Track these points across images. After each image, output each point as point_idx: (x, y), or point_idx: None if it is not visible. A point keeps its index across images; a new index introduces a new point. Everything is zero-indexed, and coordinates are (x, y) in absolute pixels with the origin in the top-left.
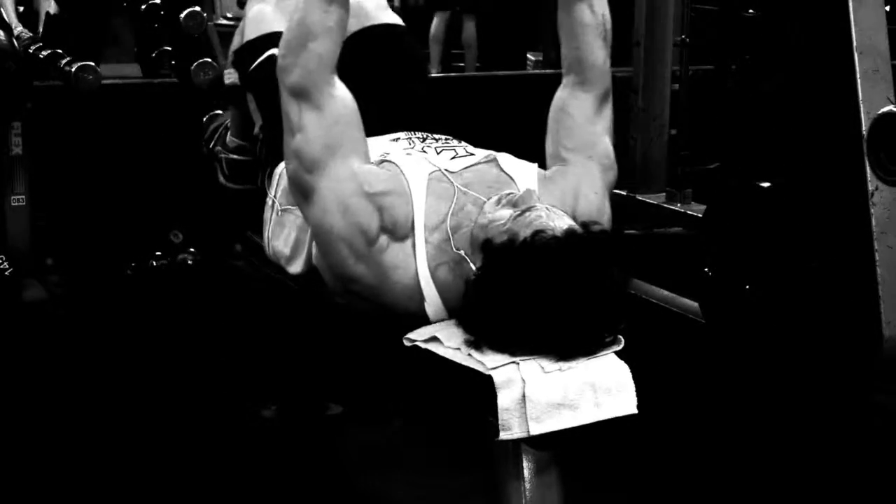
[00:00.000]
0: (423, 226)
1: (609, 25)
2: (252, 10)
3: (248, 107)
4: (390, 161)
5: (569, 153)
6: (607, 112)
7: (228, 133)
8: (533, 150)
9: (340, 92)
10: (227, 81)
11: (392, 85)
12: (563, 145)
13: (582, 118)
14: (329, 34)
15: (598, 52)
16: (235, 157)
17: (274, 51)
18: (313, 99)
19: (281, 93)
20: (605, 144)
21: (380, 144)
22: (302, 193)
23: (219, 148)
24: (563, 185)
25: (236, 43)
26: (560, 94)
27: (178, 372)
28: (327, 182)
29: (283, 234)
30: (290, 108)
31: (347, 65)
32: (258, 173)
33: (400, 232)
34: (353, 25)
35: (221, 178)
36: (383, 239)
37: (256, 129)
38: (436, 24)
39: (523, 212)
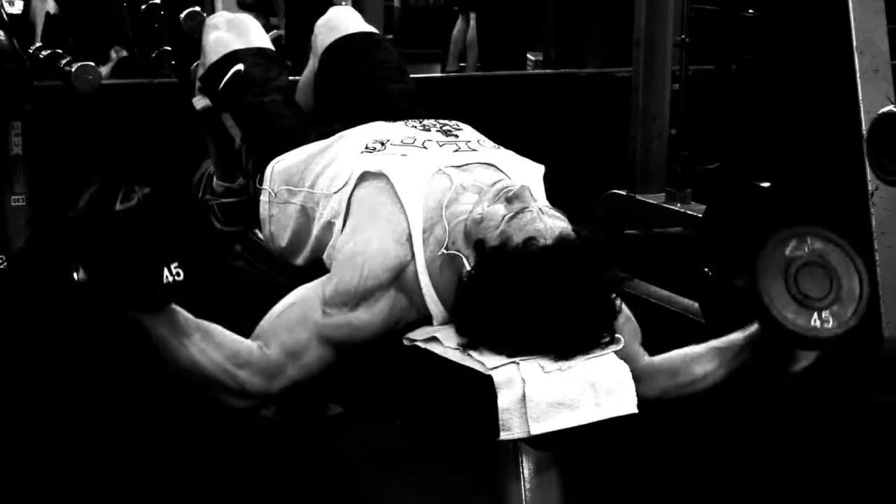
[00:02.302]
0: (420, 234)
1: (696, 393)
2: (209, 38)
3: (224, 129)
4: (382, 174)
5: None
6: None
7: (214, 179)
8: (533, 150)
9: (260, 341)
10: (198, 107)
11: (373, 84)
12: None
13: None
14: (222, 349)
15: (662, 392)
16: (225, 200)
17: (239, 66)
18: (271, 373)
19: (266, 401)
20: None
21: (379, 129)
22: (352, 353)
23: (208, 196)
24: None
25: (201, 70)
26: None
27: None
28: (339, 340)
29: (286, 226)
30: (277, 392)
31: (327, 75)
32: (249, 214)
33: (402, 264)
34: (331, 36)
35: (217, 224)
36: (398, 280)
37: (237, 143)
38: (459, 25)
39: (516, 213)
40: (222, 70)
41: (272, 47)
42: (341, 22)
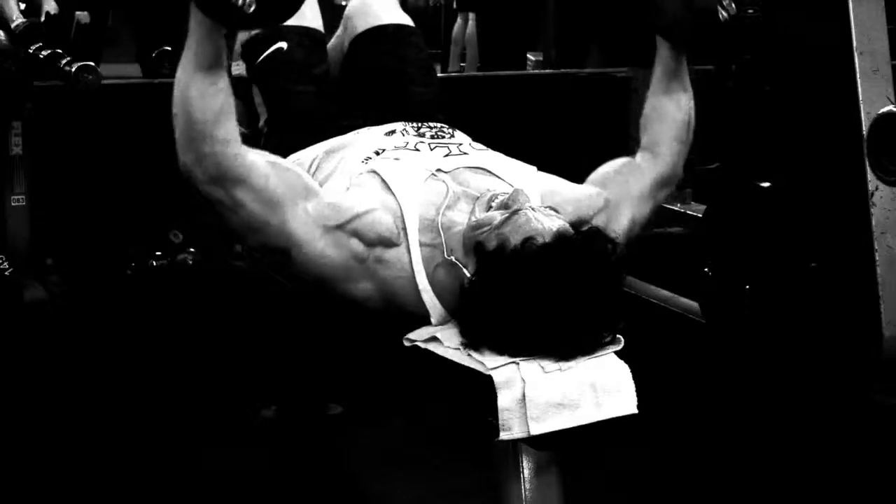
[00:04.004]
0: (416, 230)
1: (693, 122)
2: None
3: (252, 100)
4: (374, 172)
5: (608, 183)
6: (662, 194)
7: None
8: (533, 150)
9: (252, 155)
10: (234, 73)
11: (398, 83)
12: (609, 175)
13: (642, 178)
14: (222, 113)
15: (677, 150)
16: None
17: (282, 44)
18: (234, 177)
19: (199, 187)
20: (645, 209)
21: (373, 139)
22: (276, 256)
23: None
24: (588, 203)
25: (244, 35)
26: (628, 161)
27: (179, 372)
28: (292, 236)
29: None
30: (217, 195)
31: (355, 61)
32: None
33: (390, 241)
34: (362, 25)
35: None
36: (377, 251)
37: (261, 123)
38: (458, 24)
39: (511, 215)
40: (265, 43)
41: (321, 29)
42: (375, 7)
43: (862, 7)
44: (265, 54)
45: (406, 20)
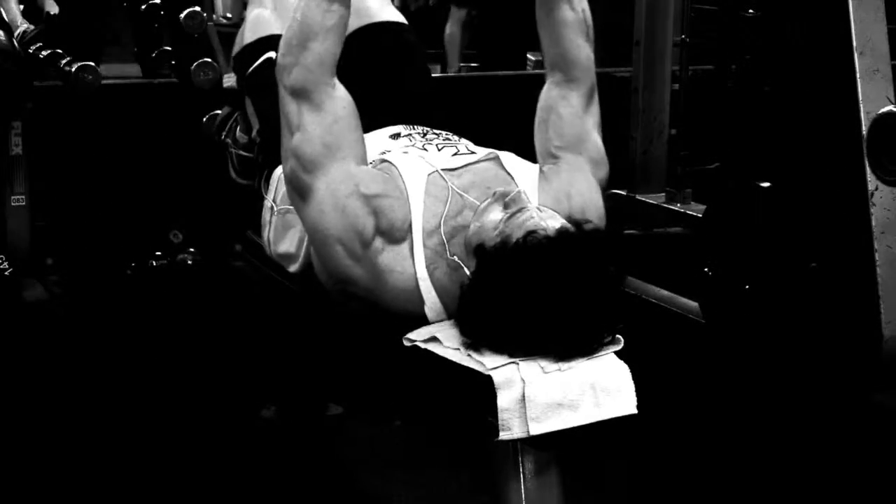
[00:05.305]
0: (420, 229)
1: (590, 21)
2: (251, 15)
3: (246, 111)
4: (389, 161)
5: (560, 150)
6: (594, 108)
7: (238, 128)
8: (533, 149)
9: (340, 92)
10: (225, 85)
11: (392, 82)
12: (553, 143)
13: (571, 115)
14: (330, 34)
15: (582, 49)
16: (245, 153)
17: (271, 54)
18: (313, 98)
19: (280, 92)
20: (595, 140)
21: (379, 141)
22: (299, 194)
23: (229, 141)
24: (557, 183)
25: (237, 47)
26: (546, 93)
27: (179, 372)
28: (325, 182)
29: (287, 235)
30: (289, 108)
31: (349, 61)
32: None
33: (396, 234)
34: (355, 23)
35: (232, 172)
36: (379, 241)
37: (254, 133)
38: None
39: (514, 213)
40: (254, 54)
41: None
42: (368, 4)
43: (862, 7)
44: (255, 65)
45: (399, 18)
